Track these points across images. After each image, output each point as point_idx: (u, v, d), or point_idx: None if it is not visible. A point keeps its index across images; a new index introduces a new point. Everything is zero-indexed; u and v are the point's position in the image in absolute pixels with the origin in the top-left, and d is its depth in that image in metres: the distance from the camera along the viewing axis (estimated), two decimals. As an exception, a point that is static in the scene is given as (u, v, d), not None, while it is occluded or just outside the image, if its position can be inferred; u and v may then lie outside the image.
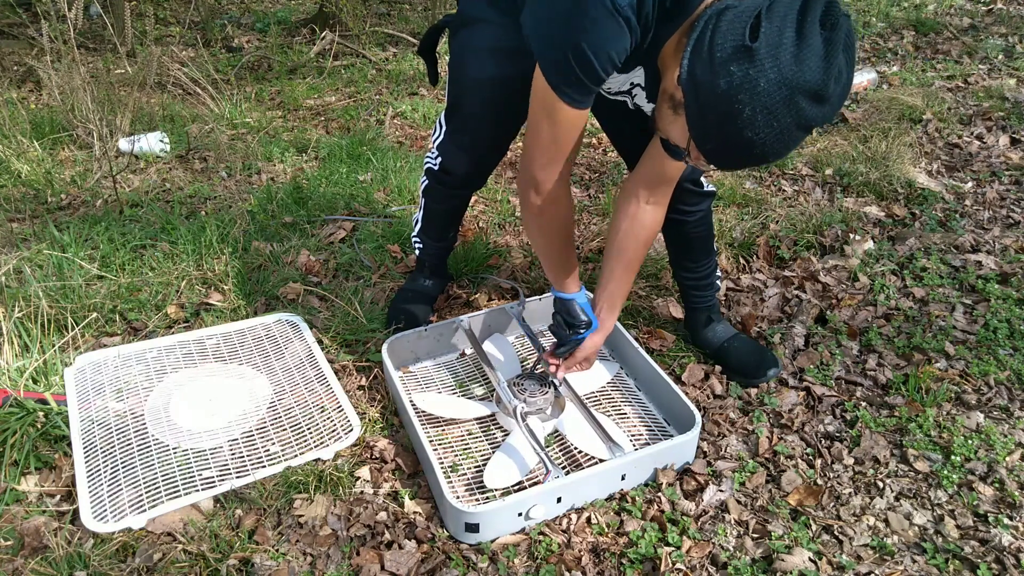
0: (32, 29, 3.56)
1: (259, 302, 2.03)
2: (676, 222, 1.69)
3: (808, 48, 0.96)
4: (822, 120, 1.02)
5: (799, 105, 0.99)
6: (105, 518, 1.39)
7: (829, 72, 0.97)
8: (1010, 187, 2.60)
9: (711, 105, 1.02)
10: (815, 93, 0.98)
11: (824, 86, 0.98)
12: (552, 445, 1.59)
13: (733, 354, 1.78)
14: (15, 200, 2.54)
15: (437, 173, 1.76)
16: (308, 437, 1.59)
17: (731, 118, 1.01)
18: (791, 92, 0.98)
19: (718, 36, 0.99)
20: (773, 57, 0.96)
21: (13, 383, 1.64)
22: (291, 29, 4.54)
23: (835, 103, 1.01)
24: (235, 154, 2.91)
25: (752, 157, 1.07)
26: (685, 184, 1.60)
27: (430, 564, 1.32)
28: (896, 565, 1.33)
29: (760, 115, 1.00)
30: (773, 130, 1.01)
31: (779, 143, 1.03)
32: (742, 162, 1.11)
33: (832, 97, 1.00)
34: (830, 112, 1.02)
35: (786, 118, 1.00)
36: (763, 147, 1.04)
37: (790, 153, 1.10)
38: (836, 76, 0.98)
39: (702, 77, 1.01)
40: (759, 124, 1.00)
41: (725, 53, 0.98)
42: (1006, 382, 1.73)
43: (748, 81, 0.98)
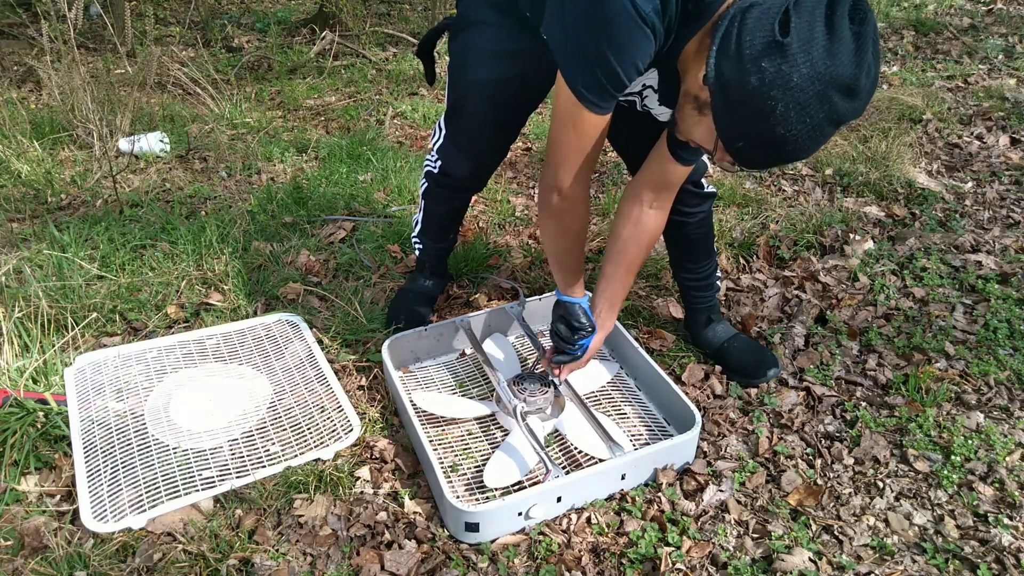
0: (32, 29, 3.56)
1: (259, 302, 2.03)
2: (677, 223, 1.69)
3: (840, 42, 0.96)
4: (853, 115, 1.02)
5: (832, 100, 0.98)
6: (105, 518, 1.39)
7: (861, 66, 0.97)
8: (1010, 187, 2.60)
9: (741, 103, 1.02)
10: (848, 87, 0.98)
11: (856, 80, 0.98)
12: (552, 445, 1.59)
13: (733, 354, 1.78)
14: (15, 200, 2.54)
15: (437, 176, 1.76)
16: (308, 437, 1.59)
17: (763, 115, 1.01)
18: (824, 87, 0.97)
19: (746, 33, 0.99)
20: (806, 52, 0.96)
21: (13, 383, 1.64)
22: (291, 29, 4.54)
23: (865, 97, 1.01)
24: (235, 154, 2.91)
25: (783, 154, 1.07)
26: (686, 186, 1.60)
27: (430, 564, 1.32)
28: (896, 565, 1.33)
29: (793, 111, 0.99)
30: (806, 126, 1.01)
31: (810, 139, 1.03)
32: (773, 160, 1.10)
33: (863, 92, 1.00)
34: (860, 107, 1.02)
35: (819, 113, 1.00)
36: (795, 144, 1.03)
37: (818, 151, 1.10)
38: (867, 70, 0.98)
39: (730, 75, 1.00)
40: (792, 120, 1.00)
41: (755, 50, 0.98)
42: (1006, 382, 1.73)
43: (781, 76, 0.97)
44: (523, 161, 2.91)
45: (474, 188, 1.80)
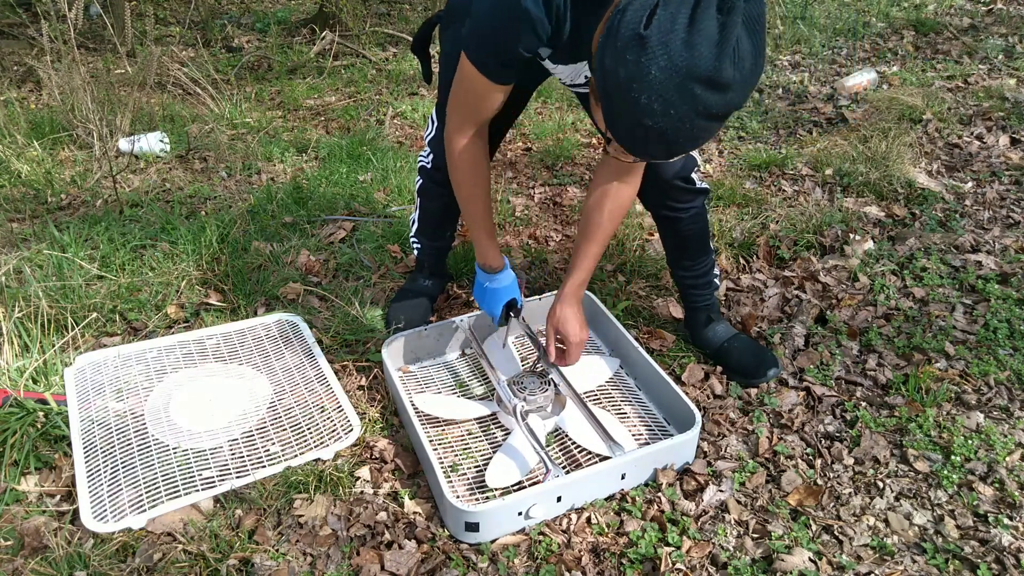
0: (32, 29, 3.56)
1: (259, 302, 2.03)
2: (669, 219, 1.70)
3: (699, 34, 0.95)
4: (726, 107, 1.01)
5: (694, 92, 0.97)
6: (105, 518, 1.39)
7: (722, 58, 0.95)
8: (1010, 187, 2.60)
9: (614, 94, 1.03)
10: (709, 80, 0.97)
11: (717, 72, 0.96)
12: (552, 444, 1.59)
13: (733, 354, 1.78)
14: (15, 200, 2.54)
15: (430, 171, 1.77)
16: (308, 437, 1.59)
17: (631, 106, 1.02)
18: (683, 79, 0.96)
19: (622, 25, 0.99)
20: (663, 44, 0.96)
21: (13, 383, 1.64)
22: (291, 29, 4.54)
23: (739, 89, 0.99)
24: (235, 154, 2.91)
25: (658, 145, 1.07)
26: (675, 182, 1.61)
27: (430, 564, 1.32)
28: (896, 565, 1.33)
29: (656, 103, 0.99)
30: (671, 118, 1.00)
31: (681, 132, 1.03)
32: (651, 150, 1.10)
33: (733, 83, 0.98)
34: (735, 98, 1.00)
35: (682, 106, 0.99)
36: (664, 135, 1.03)
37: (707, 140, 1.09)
38: (735, 61, 0.96)
39: (608, 66, 1.02)
40: (656, 112, 1.00)
41: (623, 41, 0.98)
42: (1006, 382, 1.73)
43: (640, 69, 0.98)
44: (523, 161, 2.91)
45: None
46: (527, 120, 3.20)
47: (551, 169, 2.83)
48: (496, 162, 2.90)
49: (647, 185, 1.60)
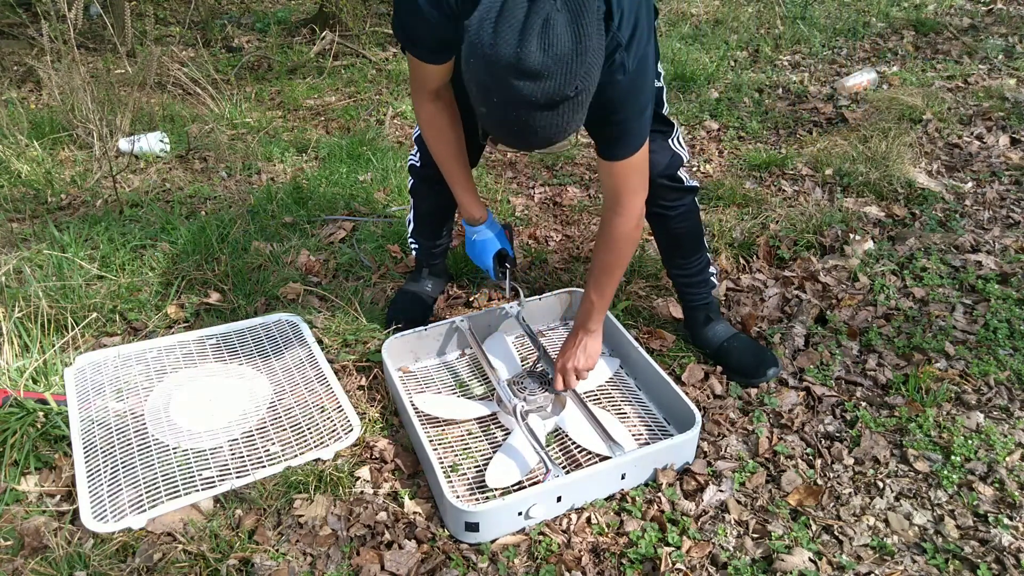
0: (32, 29, 3.56)
1: (259, 302, 2.03)
2: (658, 217, 1.71)
3: (505, 21, 0.95)
4: (546, 94, 0.99)
5: (506, 80, 0.97)
6: (105, 518, 1.39)
7: (526, 43, 0.95)
8: (1010, 187, 2.60)
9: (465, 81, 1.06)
10: (515, 67, 0.96)
11: (521, 59, 0.95)
12: (552, 445, 1.59)
13: (733, 354, 1.78)
14: (15, 200, 2.54)
15: (419, 170, 1.79)
16: (308, 437, 1.59)
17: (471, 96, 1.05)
18: (492, 67, 0.97)
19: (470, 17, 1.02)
20: (477, 33, 0.97)
21: (13, 383, 1.64)
22: (291, 29, 4.54)
23: (556, 75, 0.98)
24: (235, 154, 2.91)
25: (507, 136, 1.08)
26: (660, 180, 1.61)
27: (430, 564, 1.32)
28: (896, 565, 1.33)
29: (480, 92, 1.01)
30: (495, 107, 1.01)
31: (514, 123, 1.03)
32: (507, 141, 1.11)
33: (543, 69, 0.96)
34: (554, 86, 0.98)
35: (500, 93, 1.00)
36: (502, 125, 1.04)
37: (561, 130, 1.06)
38: (544, 46, 0.95)
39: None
40: (482, 100, 1.02)
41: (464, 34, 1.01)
42: (1006, 382, 1.73)
43: (465, 60, 1.01)
44: (523, 161, 2.91)
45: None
46: (527, 120, 3.20)
47: (551, 169, 2.83)
48: (496, 162, 2.90)
49: None
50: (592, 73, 1.02)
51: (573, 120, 1.07)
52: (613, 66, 1.20)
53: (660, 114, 1.57)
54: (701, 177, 2.74)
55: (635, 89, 1.27)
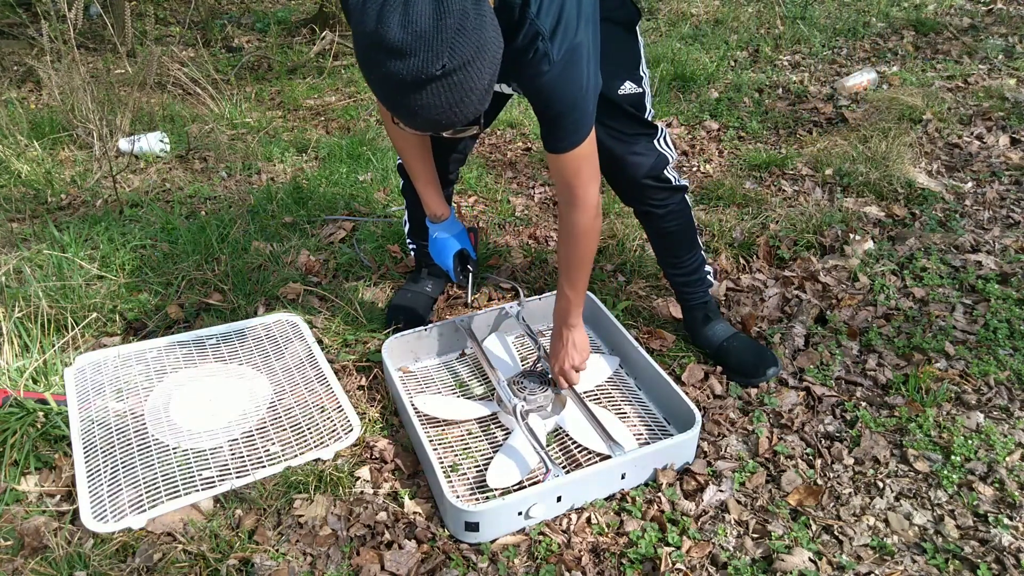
0: (32, 29, 3.56)
1: (259, 302, 2.03)
2: (647, 215, 1.71)
3: (371, 2, 0.97)
4: (411, 72, 0.98)
5: (377, 58, 0.99)
6: (105, 518, 1.39)
7: (385, 20, 0.96)
8: (1010, 187, 2.60)
9: None
10: (379, 44, 0.97)
11: (381, 36, 0.96)
12: (552, 444, 1.59)
13: (733, 354, 1.78)
14: (15, 200, 2.54)
15: (402, 167, 1.79)
16: (308, 437, 1.59)
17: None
18: (363, 46, 1.00)
19: None
20: (354, 13, 1.00)
21: (13, 383, 1.64)
22: (291, 29, 4.54)
23: (420, 53, 0.97)
24: (235, 154, 2.91)
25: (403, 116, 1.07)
26: (644, 181, 1.62)
27: (430, 564, 1.32)
28: (896, 565, 1.33)
29: (364, 70, 1.03)
30: (376, 85, 1.03)
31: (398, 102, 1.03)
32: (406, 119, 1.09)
33: (406, 46, 0.96)
34: (417, 63, 0.98)
35: (375, 71, 1.01)
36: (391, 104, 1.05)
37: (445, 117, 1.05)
38: (404, 24, 0.96)
39: None
40: (367, 78, 1.04)
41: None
42: (1006, 382, 1.73)
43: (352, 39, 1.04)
44: (523, 161, 2.91)
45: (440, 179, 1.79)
46: (527, 120, 3.20)
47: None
48: (496, 162, 2.90)
49: (622, 186, 1.64)
50: (460, 50, 0.99)
51: (458, 103, 1.04)
52: (535, 56, 1.19)
53: (642, 118, 1.57)
54: (701, 177, 2.74)
55: (565, 80, 1.24)
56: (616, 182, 1.65)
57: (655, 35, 4.23)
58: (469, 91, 1.04)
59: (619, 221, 2.35)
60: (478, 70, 1.03)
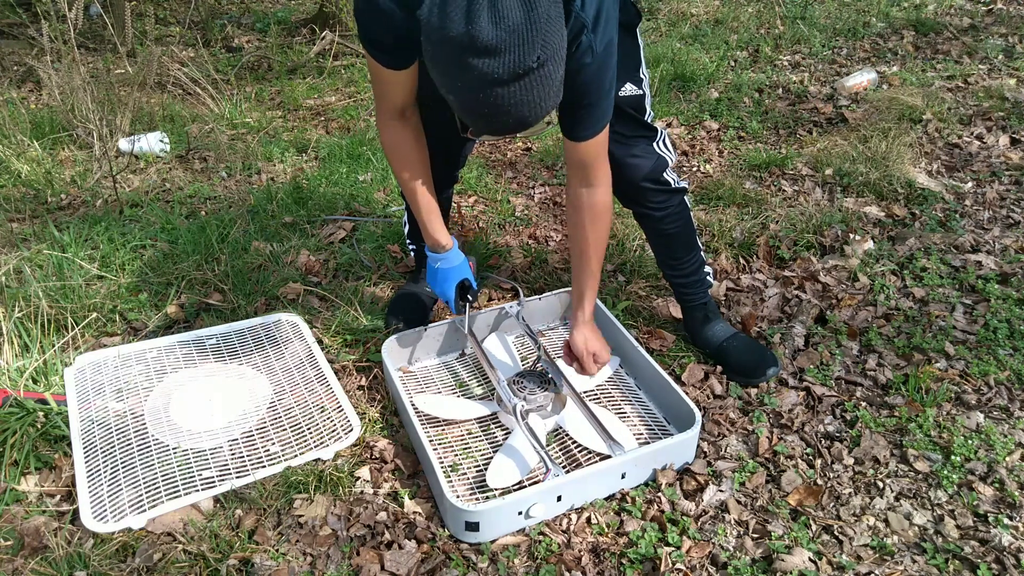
0: (32, 29, 3.55)
1: (259, 302, 2.03)
2: (646, 218, 1.71)
3: (452, 2, 0.95)
4: (507, 68, 0.98)
5: (465, 61, 0.97)
6: (105, 518, 1.39)
7: (475, 19, 0.94)
8: (1010, 187, 2.60)
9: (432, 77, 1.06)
10: (469, 45, 0.95)
11: (473, 35, 0.95)
12: (552, 444, 1.59)
13: (732, 353, 1.78)
14: (15, 200, 2.54)
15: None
16: (308, 437, 1.59)
17: (438, 85, 1.04)
18: (449, 49, 0.97)
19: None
20: (428, 20, 0.97)
21: (13, 383, 1.64)
22: (291, 29, 4.54)
23: (513, 48, 0.96)
24: (235, 154, 2.91)
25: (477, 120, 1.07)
26: (643, 184, 1.62)
27: (430, 564, 1.32)
28: (896, 565, 1.33)
29: (445, 77, 1.01)
30: (461, 90, 1.01)
31: (483, 103, 1.01)
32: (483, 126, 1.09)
33: (499, 43, 0.95)
34: (513, 59, 0.97)
35: (462, 76, 0.99)
36: (472, 108, 1.03)
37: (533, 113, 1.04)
38: (494, 20, 0.94)
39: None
40: (450, 86, 1.01)
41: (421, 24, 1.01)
42: (1006, 382, 1.73)
43: (426, 48, 1.00)
44: (523, 161, 2.91)
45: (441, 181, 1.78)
46: (527, 120, 3.20)
47: (551, 169, 2.83)
48: (496, 162, 2.90)
49: (621, 188, 1.62)
50: (551, 41, 1.00)
51: (546, 96, 1.04)
52: (580, 49, 1.20)
53: (642, 120, 1.57)
54: (701, 177, 2.74)
55: (603, 71, 1.27)
56: (615, 184, 1.64)
57: (655, 35, 4.23)
58: (555, 82, 1.04)
59: (619, 221, 2.35)
60: (561, 60, 1.04)
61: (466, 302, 1.69)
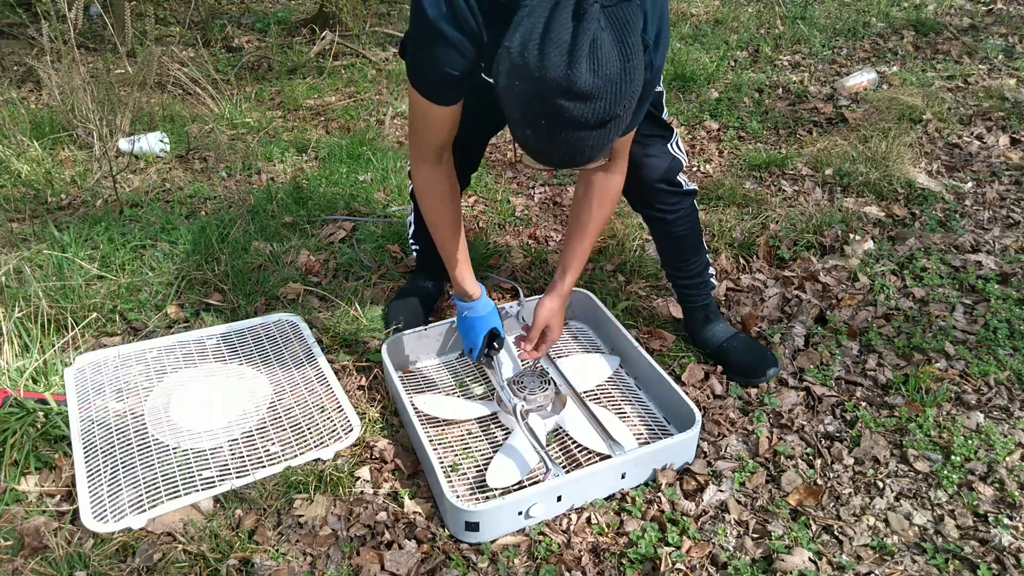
0: (32, 29, 3.55)
1: (259, 302, 2.03)
2: (657, 220, 1.71)
3: (551, 42, 0.94)
4: (596, 115, 0.98)
5: (555, 102, 0.96)
6: (105, 518, 1.39)
7: (576, 64, 0.94)
8: (1010, 187, 2.60)
9: (503, 105, 1.04)
10: (566, 89, 0.95)
11: (572, 80, 0.94)
12: (552, 444, 1.59)
13: (733, 354, 1.78)
14: (15, 200, 2.54)
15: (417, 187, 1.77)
16: (308, 437, 1.59)
17: (512, 118, 1.03)
18: (540, 90, 0.96)
19: (506, 37, 1.00)
20: (521, 56, 0.96)
21: (13, 383, 1.64)
22: (291, 29, 4.54)
23: (606, 95, 0.97)
24: (235, 154, 2.91)
25: (548, 155, 1.06)
26: (659, 185, 1.62)
27: (430, 564, 1.32)
28: (896, 565, 1.33)
29: (526, 114, 1.00)
30: (543, 128, 1.00)
31: (561, 143, 1.02)
32: (548, 159, 1.09)
33: (594, 90, 0.95)
34: (605, 105, 0.98)
35: (548, 116, 0.98)
36: (549, 145, 1.03)
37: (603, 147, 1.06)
38: (593, 67, 0.94)
39: (494, 79, 1.03)
40: (529, 122, 1.00)
41: (498, 55, 0.99)
42: (1006, 382, 1.73)
43: (507, 82, 0.98)
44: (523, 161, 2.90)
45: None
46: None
47: (551, 169, 2.83)
48: (496, 162, 2.90)
49: (633, 188, 1.61)
50: (638, 89, 1.02)
51: (617, 135, 1.07)
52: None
53: (660, 118, 1.57)
54: (701, 177, 2.74)
55: (655, 80, 1.29)
56: (629, 186, 1.59)
57: (655, 35, 4.22)
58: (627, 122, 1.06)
59: (619, 221, 2.35)
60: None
61: (492, 351, 1.65)
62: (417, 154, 1.41)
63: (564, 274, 1.56)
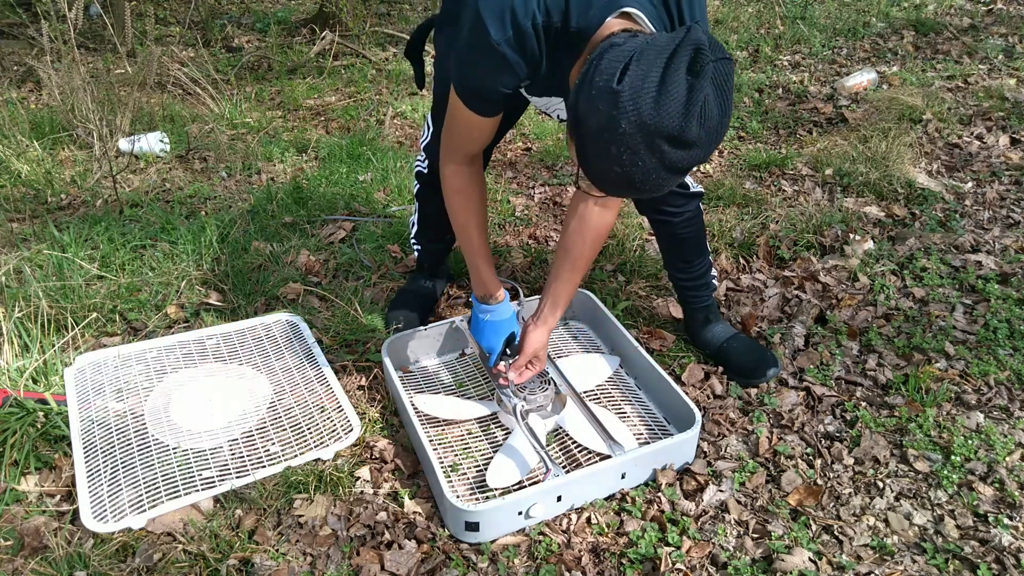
0: (32, 29, 3.56)
1: (259, 302, 2.03)
2: (663, 223, 1.71)
3: (668, 95, 0.97)
4: (691, 161, 1.03)
5: (661, 148, 1.00)
6: (105, 518, 1.39)
7: (689, 118, 0.98)
8: (1010, 187, 2.60)
9: (587, 139, 1.05)
10: (676, 138, 0.99)
11: (683, 131, 0.99)
12: (552, 444, 1.59)
13: (733, 354, 1.78)
14: (15, 200, 2.54)
15: (427, 176, 1.77)
16: (308, 437, 1.59)
17: (601, 153, 1.04)
18: (650, 136, 0.99)
19: (596, 74, 1.01)
20: (634, 101, 0.98)
21: (13, 383, 1.64)
22: (291, 29, 4.54)
23: (704, 145, 1.02)
24: (235, 154, 2.91)
25: (628, 189, 1.09)
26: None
27: (430, 564, 1.32)
28: (896, 565, 1.33)
29: (625, 154, 1.01)
30: (639, 168, 1.03)
31: (648, 181, 1.05)
32: (621, 192, 1.13)
33: (697, 141, 1.00)
34: (700, 154, 1.03)
35: (649, 159, 1.01)
36: (632, 182, 1.05)
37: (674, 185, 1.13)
38: (701, 120, 0.99)
39: (581, 113, 1.04)
40: (625, 162, 1.02)
41: (597, 91, 1.01)
42: (1006, 382, 1.73)
43: (612, 121, 1.00)
44: (523, 161, 2.91)
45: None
46: (527, 120, 3.20)
47: (551, 169, 2.83)
48: (496, 162, 2.90)
49: None
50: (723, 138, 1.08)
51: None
52: None
53: None
54: (701, 177, 2.74)
55: None
56: None
57: (655, 35, 4.22)
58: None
59: (619, 221, 2.35)
60: None
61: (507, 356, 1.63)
62: (450, 157, 1.43)
63: (555, 308, 1.56)
